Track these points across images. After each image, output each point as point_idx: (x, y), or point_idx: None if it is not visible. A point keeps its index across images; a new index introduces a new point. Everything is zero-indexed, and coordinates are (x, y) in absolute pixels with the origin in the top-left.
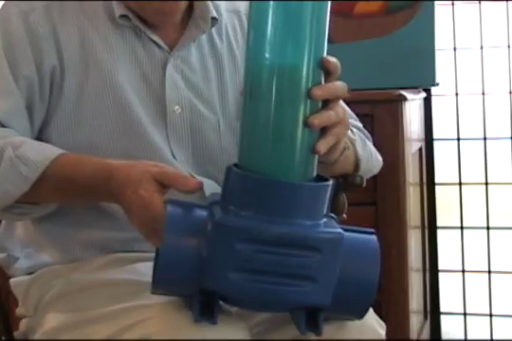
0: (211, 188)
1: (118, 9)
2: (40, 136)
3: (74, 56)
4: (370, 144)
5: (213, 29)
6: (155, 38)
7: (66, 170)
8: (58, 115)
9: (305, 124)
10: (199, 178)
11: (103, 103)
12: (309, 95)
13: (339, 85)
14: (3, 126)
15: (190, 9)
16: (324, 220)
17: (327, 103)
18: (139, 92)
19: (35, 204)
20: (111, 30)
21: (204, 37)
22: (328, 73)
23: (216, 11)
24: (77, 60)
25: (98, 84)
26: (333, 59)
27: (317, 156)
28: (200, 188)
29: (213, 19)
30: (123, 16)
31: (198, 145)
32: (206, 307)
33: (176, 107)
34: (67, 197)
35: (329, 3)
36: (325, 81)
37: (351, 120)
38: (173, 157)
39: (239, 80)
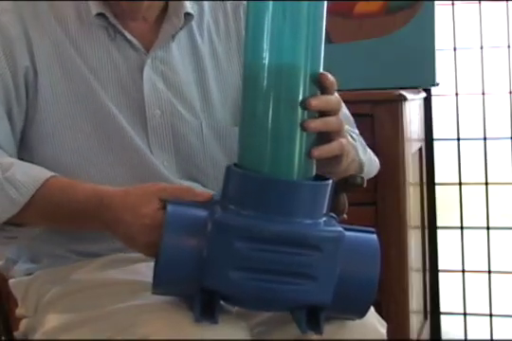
0: None
1: (95, 8)
2: (21, 144)
3: (46, 57)
4: (369, 149)
5: (194, 27)
6: (131, 38)
7: (56, 193)
8: (37, 120)
9: (301, 127)
10: (183, 182)
11: (81, 109)
12: (305, 104)
13: (334, 99)
14: None
15: (166, 9)
16: (324, 219)
17: (325, 115)
18: (117, 97)
19: (22, 226)
20: (82, 33)
21: (184, 35)
22: (324, 88)
23: (199, 6)
24: (49, 61)
25: (72, 89)
26: (330, 76)
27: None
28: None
29: (188, 15)
30: (100, 14)
31: (181, 149)
32: (206, 306)
33: (157, 111)
34: (54, 222)
35: (325, 2)
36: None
37: (349, 127)
38: (156, 162)
39: (223, 79)
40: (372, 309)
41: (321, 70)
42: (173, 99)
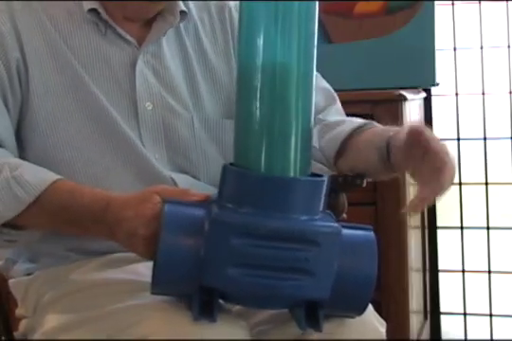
0: (187, 182)
1: (87, 3)
2: (16, 137)
3: (36, 51)
4: None
5: (181, 25)
6: (124, 33)
7: (63, 196)
8: (29, 113)
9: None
10: (173, 174)
11: (72, 101)
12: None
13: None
14: None
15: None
16: (320, 215)
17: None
18: (108, 90)
19: (22, 229)
20: (73, 28)
21: (172, 33)
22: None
23: (185, 6)
24: (40, 55)
25: (64, 82)
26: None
27: (311, 153)
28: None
29: (182, 13)
30: (92, 10)
31: (172, 142)
32: (205, 305)
33: (148, 104)
34: (59, 224)
35: (317, 2)
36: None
37: (338, 105)
38: (148, 155)
39: (211, 76)
40: (371, 308)
41: (315, 69)
42: (164, 93)
